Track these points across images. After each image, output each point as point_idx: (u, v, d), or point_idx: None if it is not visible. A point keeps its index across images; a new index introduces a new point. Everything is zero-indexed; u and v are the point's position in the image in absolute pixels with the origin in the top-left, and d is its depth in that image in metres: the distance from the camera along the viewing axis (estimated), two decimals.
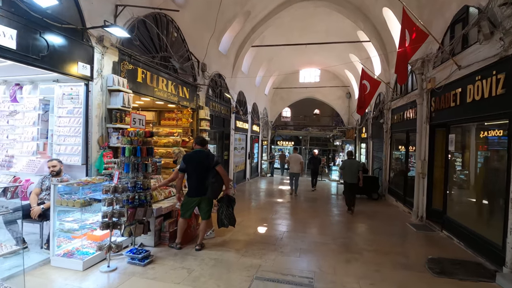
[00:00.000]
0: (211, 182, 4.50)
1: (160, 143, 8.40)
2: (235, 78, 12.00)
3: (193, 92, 8.13)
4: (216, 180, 4.56)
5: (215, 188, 4.56)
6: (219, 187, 4.67)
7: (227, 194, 4.84)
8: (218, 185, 4.60)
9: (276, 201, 9.30)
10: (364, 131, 15.33)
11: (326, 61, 18.41)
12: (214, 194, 4.63)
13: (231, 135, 11.97)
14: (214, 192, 4.59)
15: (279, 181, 15.83)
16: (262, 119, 18.26)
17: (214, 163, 4.57)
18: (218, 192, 4.73)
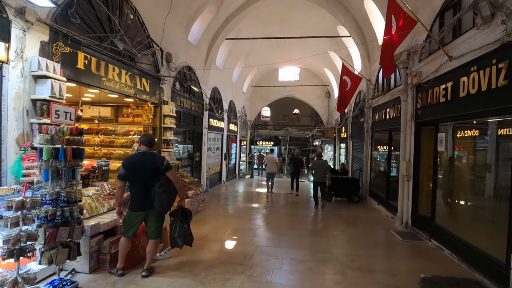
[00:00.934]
0: (158, 192, 3.58)
1: (117, 143, 7.36)
2: (208, 72, 11.07)
3: (155, 84, 7.14)
4: (166, 190, 3.63)
5: (164, 200, 3.63)
6: (170, 198, 3.75)
7: (182, 206, 3.94)
8: (168, 195, 3.67)
9: (251, 207, 8.47)
10: (343, 131, 14.85)
11: (306, 59, 17.85)
12: (163, 207, 3.71)
13: (204, 134, 11.02)
14: (163, 204, 3.67)
15: (258, 183, 15.05)
16: (240, 118, 17.40)
17: (163, 167, 3.66)
18: (169, 204, 3.81)
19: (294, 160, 11.70)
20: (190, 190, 6.97)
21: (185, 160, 9.54)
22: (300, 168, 11.55)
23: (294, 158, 11.83)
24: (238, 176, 17.15)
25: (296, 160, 11.53)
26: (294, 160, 11.66)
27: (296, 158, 11.70)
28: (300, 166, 11.49)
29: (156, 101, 7.21)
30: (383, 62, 5.41)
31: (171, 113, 7.49)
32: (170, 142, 7.50)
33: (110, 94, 6.07)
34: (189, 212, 3.96)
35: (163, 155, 7.25)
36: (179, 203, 3.91)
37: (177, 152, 9.27)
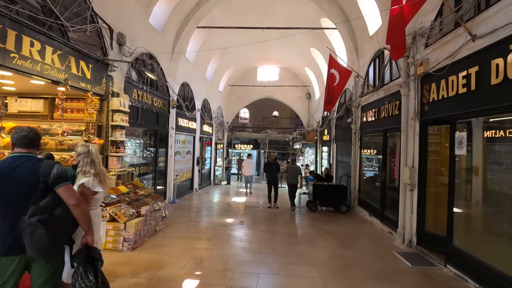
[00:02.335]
0: (28, 224, 2.06)
1: (51, 145, 5.74)
2: (176, 64, 9.60)
3: (100, 71, 5.61)
4: (48, 219, 2.07)
5: (40, 237, 2.02)
6: (56, 233, 2.13)
7: (87, 244, 2.42)
8: (51, 228, 2.08)
9: (225, 223, 7.07)
10: (326, 133, 13.84)
11: (286, 58, 16.81)
12: (41, 248, 2.05)
13: (170, 135, 9.50)
14: (40, 244, 2.03)
15: (235, 190, 13.64)
16: (216, 119, 15.97)
17: (51, 180, 2.15)
18: (55, 244, 2.17)
19: (269, 166, 9.69)
20: (144, 206, 5.47)
21: (144, 167, 7.99)
22: (277, 174, 9.85)
23: (270, 163, 9.80)
24: (214, 182, 15.66)
25: (273, 166, 9.69)
26: (270, 165, 9.70)
27: (272, 163, 9.77)
28: (278, 171, 9.77)
29: (101, 92, 5.67)
30: (391, 41, 4.27)
31: (122, 108, 5.98)
32: (120, 145, 5.97)
33: (34, 80, 4.49)
34: (97, 255, 2.41)
35: (111, 160, 5.71)
36: (84, 239, 2.40)
37: (134, 156, 7.71)
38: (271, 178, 9.53)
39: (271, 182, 9.50)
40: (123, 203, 5.19)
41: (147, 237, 5.42)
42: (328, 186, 9.04)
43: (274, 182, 9.51)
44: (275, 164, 9.84)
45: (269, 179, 9.61)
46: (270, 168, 9.66)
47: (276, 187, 9.50)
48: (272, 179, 9.50)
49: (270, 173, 9.59)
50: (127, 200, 5.35)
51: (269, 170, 9.66)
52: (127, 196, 5.50)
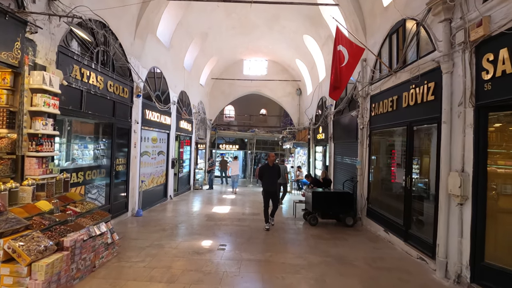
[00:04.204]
0: None
1: None
2: (142, 43, 7.72)
3: (9, 29, 3.70)
4: None
5: None
6: None
7: None
8: None
9: (200, 248, 5.27)
10: (321, 131, 12.28)
11: (275, 49, 15.17)
12: None
13: (134, 131, 7.60)
14: None
15: (218, 196, 11.82)
16: (196, 115, 14.09)
17: None
18: None
19: (268, 170, 6.92)
20: (72, 233, 3.60)
21: (94, 171, 6.06)
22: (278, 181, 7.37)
23: (268, 167, 6.95)
24: (194, 187, 13.77)
25: (272, 170, 6.91)
26: (268, 170, 6.92)
27: (271, 167, 6.94)
28: (279, 178, 7.23)
29: (12, 62, 3.76)
30: None
31: (48, 87, 4.08)
32: (45, 140, 4.07)
33: None
34: None
35: (28, 163, 3.83)
36: None
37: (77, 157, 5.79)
38: (269, 188, 6.86)
39: (270, 193, 6.86)
40: (35, 229, 3.31)
41: (77, 279, 3.56)
42: (331, 193, 7.39)
43: (274, 194, 6.97)
44: (276, 168, 7.04)
45: (267, 189, 6.87)
46: (269, 173, 6.88)
47: (276, 200, 7.07)
48: (271, 189, 6.87)
49: (268, 180, 6.86)
50: (45, 225, 3.47)
51: (266, 176, 6.87)
52: (47, 218, 3.62)
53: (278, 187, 7.36)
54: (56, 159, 5.39)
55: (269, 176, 6.89)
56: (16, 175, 3.94)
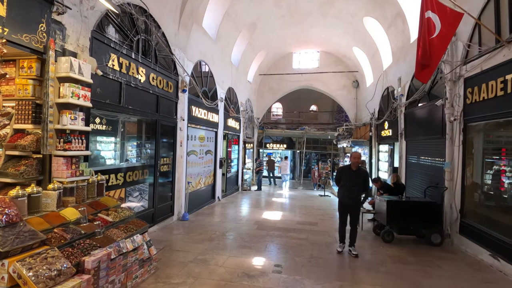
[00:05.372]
0: None
1: None
2: (187, 33, 7.12)
3: (32, 7, 3.19)
4: None
5: None
6: None
7: None
8: None
9: (250, 267, 4.37)
10: (386, 127, 10.60)
11: (329, 38, 13.76)
12: None
13: (180, 128, 7.03)
14: None
15: (268, 199, 10.91)
16: (244, 113, 13.40)
17: None
18: None
19: (348, 174, 5.11)
20: (97, 250, 2.93)
21: (136, 172, 5.53)
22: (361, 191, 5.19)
23: (349, 170, 5.14)
24: (242, 188, 13.07)
25: (355, 175, 5.05)
26: (349, 173, 5.09)
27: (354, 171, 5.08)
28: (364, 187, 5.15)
29: (36, 46, 3.25)
30: None
31: (76, 75, 3.51)
32: (73, 137, 3.51)
33: None
34: None
35: (56, 163, 3.28)
36: None
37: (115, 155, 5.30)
38: (348, 200, 5.05)
39: (348, 207, 5.09)
40: (52, 245, 2.68)
41: None
42: (412, 203, 5.92)
43: (354, 209, 5.11)
44: (361, 174, 5.08)
45: (344, 201, 5.11)
46: (349, 179, 5.03)
47: (355, 218, 5.14)
48: (349, 201, 5.05)
49: (347, 189, 5.04)
50: (66, 239, 2.84)
51: (346, 183, 5.06)
52: (70, 229, 3.00)
53: (360, 199, 5.26)
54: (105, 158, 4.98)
55: (350, 184, 4.99)
56: (44, 177, 3.44)
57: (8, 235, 2.42)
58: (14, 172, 3.16)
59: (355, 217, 5.15)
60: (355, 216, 5.14)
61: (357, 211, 5.19)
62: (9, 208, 2.61)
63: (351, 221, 5.13)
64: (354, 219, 5.13)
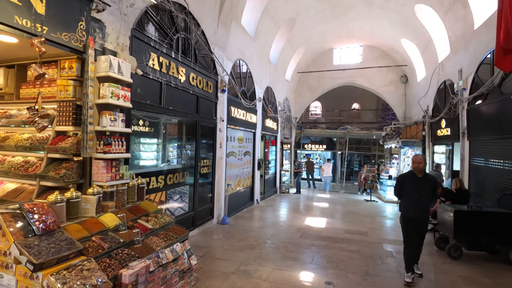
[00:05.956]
0: None
1: (10, 143, 3.49)
2: (226, 31, 6.89)
3: (72, 5, 3.10)
4: None
5: None
6: None
7: None
8: None
9: (296, 282, 3.95)
10: (443, 126, 9.47)
11: (373, 31, 12.80)
12: None
13: (220, 129, 6.82)
14: None
15: (308, 203, 10.36)
16: (282, 112, 12.97)
17: None
18: None
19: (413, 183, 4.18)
20: (135, 262, 2.70)
21: (176, 174, 5.37)
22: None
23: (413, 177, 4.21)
24: (280, 190, 12.64)
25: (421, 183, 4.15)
26: (414, 182, 4.17)
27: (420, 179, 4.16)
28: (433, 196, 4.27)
29: (76, 45, 3.15)
30: None
31: (116, 75, 3.37)
32: (113, 139, 3.37)
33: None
34: None
35: (96, 166, 3.16)
36: None
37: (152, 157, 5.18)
38: (413, 213, 4.12)
39: (417, 221, 4.12)
40: (89, 256, 2.50)
41: None
42: (485, 214, 5.04)
43: (423, 222, 4.20)
44: (429, 182, 4.17)
45: (410, 215, 4.15)
46: (414, 188, 4.15)
47: (425, 232, 4.29)
48: (416, 215, 4.12)
49: (412, 200, 4.14)
50: (104, 248, 2.66)
51: (410, 193, 4.18)
52: (109, 238, 2.82)
53: (428, 211, 4.35)
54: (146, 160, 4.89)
55: (415, 194, 4.10)
56: (84, 180, 3.34)
57: (44, 244, 2.27)
58: (55, 175, 3.07)
59: (424, 233, 4.27)
60: (423, 232, 4.26)
61: (426, 227, 4.31)
62: (47, 215, 2.48)
63: (420, 238, 4.27)
64: (422, 235, 4.26)
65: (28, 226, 2.35)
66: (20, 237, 2.26)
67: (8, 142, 3.48)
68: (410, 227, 4.18)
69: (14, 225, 2.29)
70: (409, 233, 4.21)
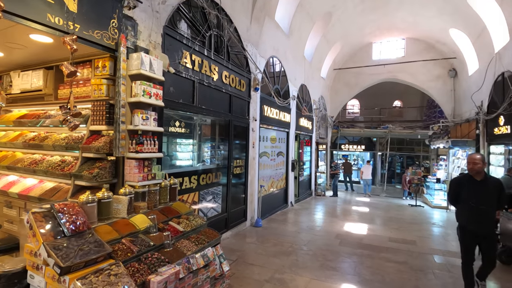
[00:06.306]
0: None
1: (48, 142, 3.57)
2: (259, 28, 6.68)
3: (103, 3, 3.06)
4: None
5: None
6: None
7: None
8: None
9: None
10: (502, 123, 8.39)
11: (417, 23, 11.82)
12: None
13: (252, 129, 6.61)
14: None
15: (346, 207, 9.79)
16: (317, 111, 12.48)
17: None
18: None
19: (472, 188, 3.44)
20: (164, 268, 2.55)
21: (209, 175, 5.25)
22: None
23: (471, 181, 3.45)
24: (315, 193, 12.15)
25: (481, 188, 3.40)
26: (473, 187, 3.44)
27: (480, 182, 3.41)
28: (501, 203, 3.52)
29: (108, 43, 3.11)
30: None
31: (148, 72, 3.28)
32: (145, 138, 3.28)
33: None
34: None
35: (128, 166, 3.10)
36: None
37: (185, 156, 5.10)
38: (478, 226, 3.43)
39: (475, 235, 3.46)
40: (118, 260, 2.39)
41: None
42: None
43: (487, 235, 3.44)
44: (490, 186, 3.43)
45: (472, 227, 3.46)
46: (473, 194, 3.44)
47: (491, 251, 3.48)
48: (480, 227, 3.43)
49: (472, 208, 3.42)
50: (133, 252, 2.54)
51: (469, 199, 3.46)
52: (139, 240, 2.71)
53: (493, 222, 3.68)
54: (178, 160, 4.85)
55: (475, 201, 3.41)
56: (118, 180, 3.29)
57: (73, 246, 2.19)
58: (88, 175, 3.05)
59: (491, 249, 3.45)
60: (490, 248, 3.45)
61: (492, 241, 3.51)
62: (77, 215, 2.42)
63: (486, 255, 3.48)
64: (490, 252, 3.45)
65: (58, 227, 2.29)
66: (50, 238, 2.20)
67: (47, 141, 3.56)
68: (469, 241, 3.52)
69: (44, 226, 2.24)
70: (467, 247, 3.54)
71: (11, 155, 3.91)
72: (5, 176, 3.81)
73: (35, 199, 3.29)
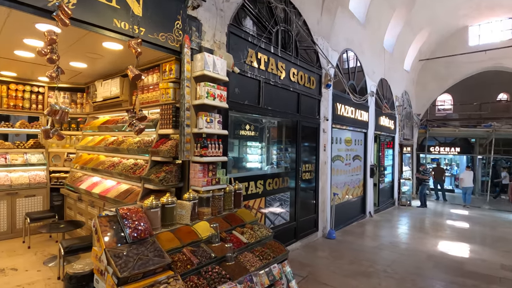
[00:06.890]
0: None
1: (123, 146, 3.76)
2: (331, 19, 6.10)
3: (167, 4, 3.02)
4: None
5: None
6: None
7: None
8: None
9: None
10: None
11: None
12: None
13: (323, 130, 6.05)
14: None
15: (439, 220, 8.30)
16: (400, 108, 11.06)
17: None
18: None
19: None
20: (225, 284, 2.29)
21: (275, 179, 4.92)
22: None
23: None
24: (399, 202, 10.72)
25: None
26: None
27: None
28: None
29: (173, 45, 3.06)
30: None
31: (212, 73, 3.14)
32: (210, 142, 3.14)
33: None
34: None
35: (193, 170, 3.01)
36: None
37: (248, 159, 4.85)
38: None
39: None
40: (175, 273, 2.23)
41: None
42: None
43: None
44: None
45: None
46: None
47: None
48: None
49: None
50: (193, 264, 2.36)
51: None
52: (200, 250, 2.53)
53: None
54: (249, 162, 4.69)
55: None
56: (184, 184, 3.22)
57: (132, 255, 2.11)
58: (155, 178, 3.04)
59: None
60: None
61: None
62: (140, 221, 2.35)
63: None
64: None
65: (121, 233, 2.25)
66: (112, 243, 2.16)
67: (123, 145, 3.75)
68: None
69: (108, 231, 2.22)
70: None
71: (95, 158, 4.28)
72: (91, 177, 4.18)
73: (112, 200, 3.46)
